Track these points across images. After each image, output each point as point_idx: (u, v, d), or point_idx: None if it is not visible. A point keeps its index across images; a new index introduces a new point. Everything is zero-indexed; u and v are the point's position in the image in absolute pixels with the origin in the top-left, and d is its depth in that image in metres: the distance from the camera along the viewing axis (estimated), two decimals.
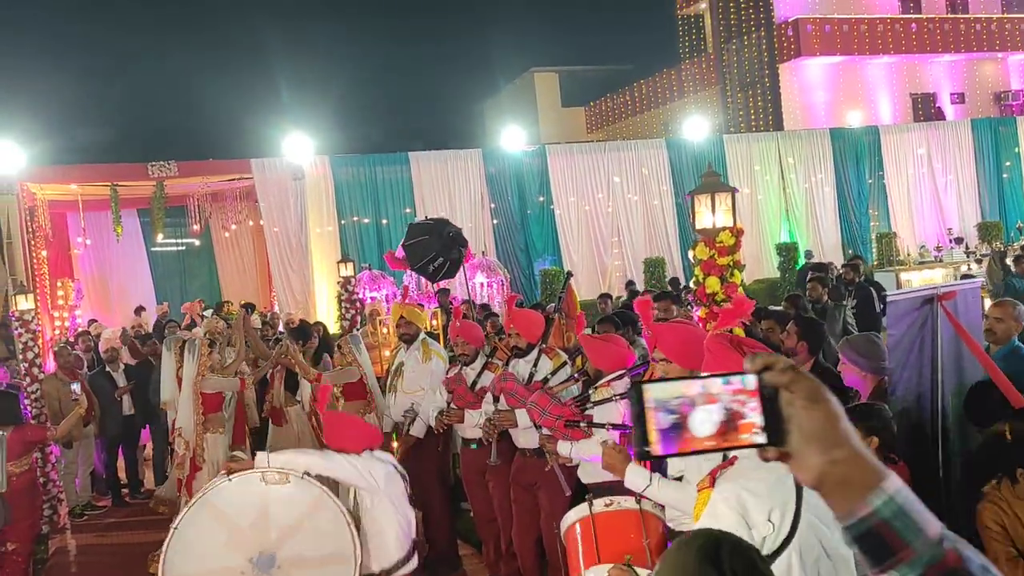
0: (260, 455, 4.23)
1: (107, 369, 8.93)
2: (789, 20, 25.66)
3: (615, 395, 3.84)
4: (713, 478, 2.39)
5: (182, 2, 54.28)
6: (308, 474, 4.04)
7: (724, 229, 4.06)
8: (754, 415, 0.99)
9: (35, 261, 14.30)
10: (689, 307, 6.30)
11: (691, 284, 4.29)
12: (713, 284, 4.00)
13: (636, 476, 3.23)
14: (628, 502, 3.46)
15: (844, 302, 8.15)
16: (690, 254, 4.29)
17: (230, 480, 4.05)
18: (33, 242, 14.31)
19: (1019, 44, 27.49)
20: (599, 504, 3.49)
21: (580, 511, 3.54)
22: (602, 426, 3.70)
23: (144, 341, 9.89)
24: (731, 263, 4.03)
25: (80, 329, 12.95)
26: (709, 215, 4.03)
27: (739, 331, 4.31)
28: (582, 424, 3.83)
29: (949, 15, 27.47)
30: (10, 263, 13.69)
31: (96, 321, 13.92)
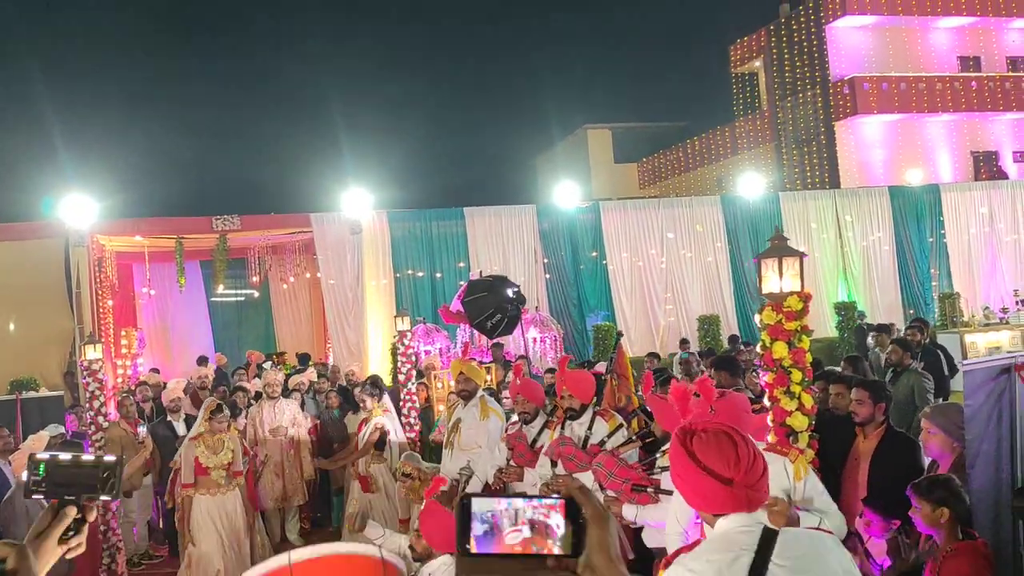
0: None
1: (168, 419, 9.08)
2: (845, 78, 25.60)
3: None
4: (668, 563, 2.36)
5: (248, 62, 56.36)
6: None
7: (792, 294, 4.02)
8: (559, 529, 1.21)
9: (101, 310, 14.74)
10: (752, 372, 6.18)
11: (757, 349, 4.23)
12: (781, 350, 3.95)
13: (627, 512, 3.77)
14: None
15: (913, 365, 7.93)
16: (756, 318, 4.23)
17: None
18: (100, 292, 14.77)
19: None
20: None
21: None
22: (671, 493, 3.64)
23: (210, 391, 10.08)
24: (798, 328, 3.99)
25: (140, 378, 13.24)
26: (776, 279, 3.99)
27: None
28: (649, 489, 3.77)
29: (1010, 73, 27.14)
30: (78, 312, 14.14)
31: (157, 371, 14.22)
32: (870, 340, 13.39)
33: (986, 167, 26.56)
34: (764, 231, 18.70)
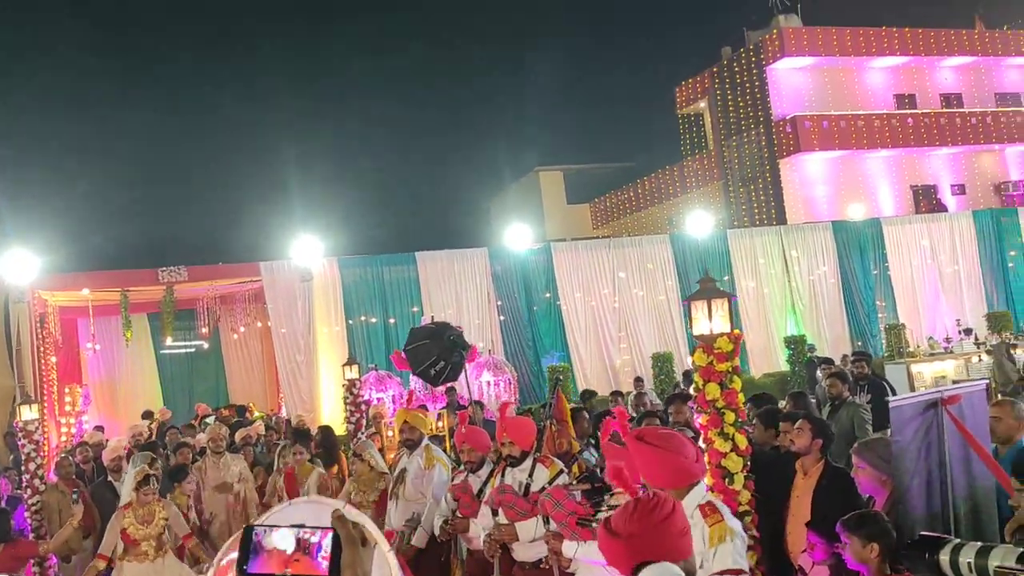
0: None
1: (109, 479, 8.81)
2: (787, 117, 26.27)
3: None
4: None
5: (192, 109, 56.07)
6: None
7: (722, 335, 4.06)
8: (326, 550, 1.38)
9: (44, 367, 14.35)
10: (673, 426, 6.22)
11: (691, 391, 4.26)
12: (713, 391, 3.98)
13: (567, 549, 3.75)
14: None
15: (856, 398, 8.03)
16: (688, 360, 4.27)
17: None
18: (43, 348, 14.39)
19: (1015, 136, 28.00)
20: None
21: None
22: None
23: (146, 448, 9.79)
24: (730, 369, 4.02)
25: (82, 438, 12.87)
26: (706, 321, 4.03)
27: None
28: (594, 524, 3.74)
29: (944, 109, 28.11)
30: (19, 370, 13.74)
31: (101, 428, 13.84)
32: (819, 373, 13.57)
33: (925, 200, 27.34)
34: (713, 268, 18.94)
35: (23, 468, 8.03)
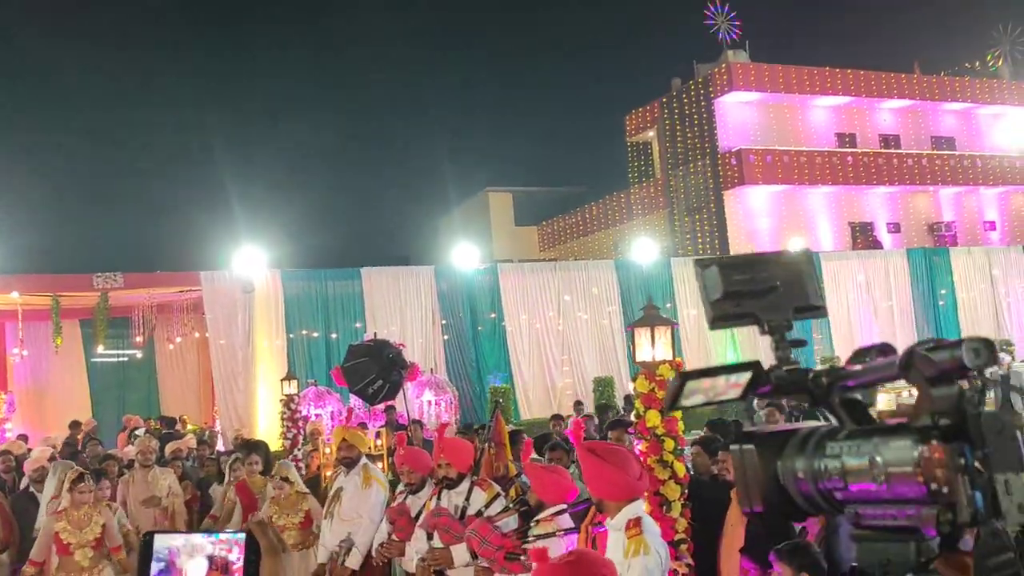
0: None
1: (31, 490, 8.47)
2: (732, 150, 26.84)
3: (559, 531, 3.75)
4: None
5: (134, 114, 54.97)
6: None
7: (664, 362, 4.09)
8: (239, 562, 1.33)
9: None
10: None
11: (632, 417, 4.27)
12: (653, 418, 4.00)
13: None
14: None
15: None
16: (630, 386, 4.29)
17: None
18: None
19: (948, 179, 29.05)
20: None
21: None
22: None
23: (69, 459, 9.45)
24: None
25: (3, 446, 12.38)
26: (649, 348, 4.06)
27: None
28: (523, 558, 3.71)
29: (883, 150, 29.03)
30: None
31: (25, 437, 13.34)
32: (755, 403, 13.77)
33: (862, 237, 28.14)
34: (656, 295, 19.13)
35: None
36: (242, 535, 1.30)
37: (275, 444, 12.20)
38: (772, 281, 1.22)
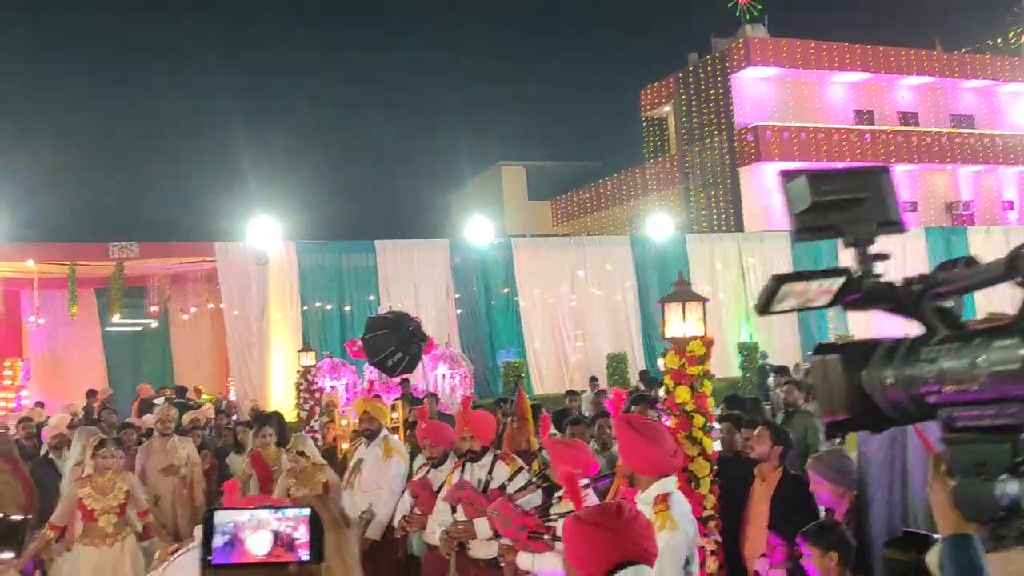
0: (197, 529, 4.14)
1: (50, 456, 8.54)
2: (749, 126, 26.58)
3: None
4: None
5: (152, 84, 54.87)
6: None
7: (695, 338, 4.05)
8: (303, 537, 1.27)
9: None
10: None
11: (661, 393, 4.24)
12: (683, 394, 3.96)
13: (523, 561, 3.64)
14: None
15: (810, 406, 8.14)
16: (660, 362, 4.25)
17: (172, 561, 3.95)
18: None
19: (967, 157, 28.71)
20: None
21: None
22: None
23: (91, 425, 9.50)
24: (701, 373, 4.02)
25: (23, 413, 12.48)
26: (680, 323, 4.01)
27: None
28: (546, 536, 3.69)
29: (901, 127, 28.70)
30: None
31: (41, 404, 13.43)
32: (771, 380, 13.75)
33: None
34: (671, 271, 18.92)
35: None
36: (307, 512, 1.26)
37: (290, 415, 12.25)
38: (859, 193, 1.21)
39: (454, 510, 4.65)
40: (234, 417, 11.24)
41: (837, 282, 1.15)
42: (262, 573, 1.26)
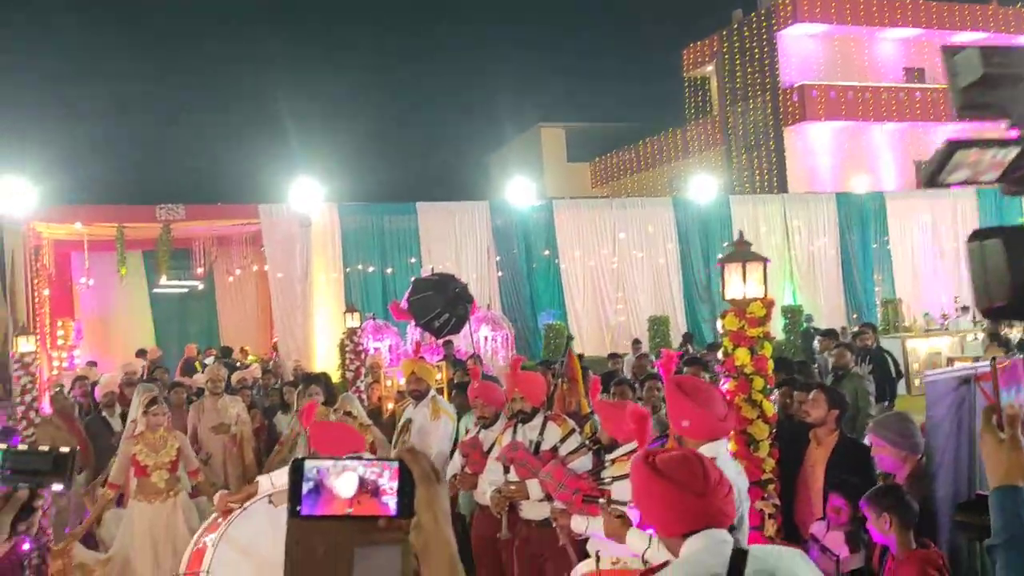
0: (262, 479, 4.29)
1: (103, 414, 8.74)
2: (794, 85, 25.98)
3: None
4: None
5: (196, 47, 55.15)
6: None
7: (755, 300, 3.97)
8: (390, 489, 1.22)
9: (37, 300, 14.21)
10: (716, 377, 6.15)
11: (719, 355, 4.17)
12: (743, 356, 3.90)
13: (637, 539, 3.31)
14: (635, 563, 3.44)
15: (859, 369, 8.02)
16: (718, 324, 4.17)
17: (243, 510, 4.07)
18: (36, 281, 14.23)
19: None
20: (606, 561, 3.58)
21: (588, 565, 3.64)
22: (623, 504, 3.55)
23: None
24: (761, 335, 3.95)
25: (78, 372, 12.78)
26: (740, 284, 3.94)
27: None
28: (601, 500, 3.68)
29: None
30: (12, 302, 13.60)
31: (94, 363, 13.75)
32: (816, 344, 13.57)
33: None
34: (714, 234, 18.88)
35: (18, 400, 7.92)
36: (395, 462, 1.22)
37: (334, 376, 12.40)
38: None
39: (506, 470, 4.65)
40: (286, 377, 11.39)
41: (1011, 153, 1.08)
42: (349, 527, 1.22)
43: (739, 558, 1.96)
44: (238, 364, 13.08)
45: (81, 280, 17.48)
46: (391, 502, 1.23)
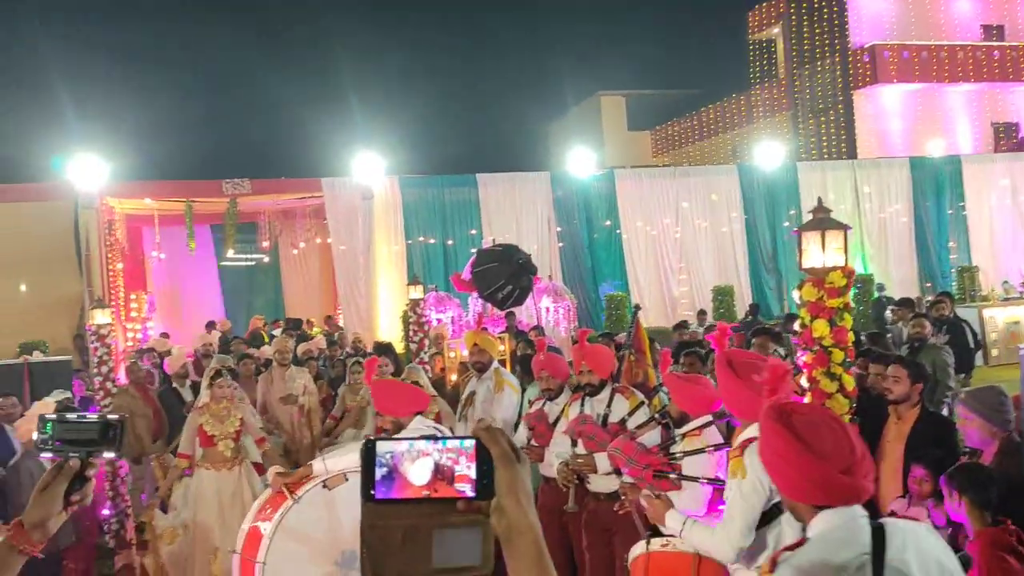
0: (315, 463, 4.34)
1: (174, 386, 8.96)
2: (865, 46, 25.07)
3: (708, 446, 3.59)
4: (774, 563, 2.17)
5: (259, 25, 55.77)
6: None
7: (835, 269, 3.80)
8: (468, 472, 1.15)
9: (111, 274, 14.61)
10: (791, 350, 5.96)
11: (796, 327, 4.02)
12: (821, 328, 3.74)
13: (672, 520, 3.31)
14: (685, 545, 3.37)
15: (936, 340, 7.73)
16: (795, 294, 4.01)
17: (297, 502, 4.12)
18: (110, 255, 14.63)
19: None
20: (656, 543, 3.53)
21: (639, 547, 3.60)
22: (695, 479, 3.46)
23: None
24: (841, 306, 3.78)
25: (149, 344, 13.14)
26: (818, 253, 3.77)
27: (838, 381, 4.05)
28: (672, 475, 3.59)
29: None
30: (87, 275, 14.02)
31: (166, 335, 14.11)
32: (888, 314, 13.17)
33: (1006, 138, 26.09)
34: (781, 201, 18.42)
35: (95, 371, 8.16)
36: (471, 443, 1.15)
37: (397, 348, 12.50)
38: None
39: (574, 443, 4.60)
40: (346, 349, 11.52)
41: None
42: (427, 510, 1.16)
43: (879, 535, 1.84)
44: (308, 336, 13.30)
45: (152, 254, 17.94)
46: (469, 485, 1.16)
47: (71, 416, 1.76)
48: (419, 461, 1.16)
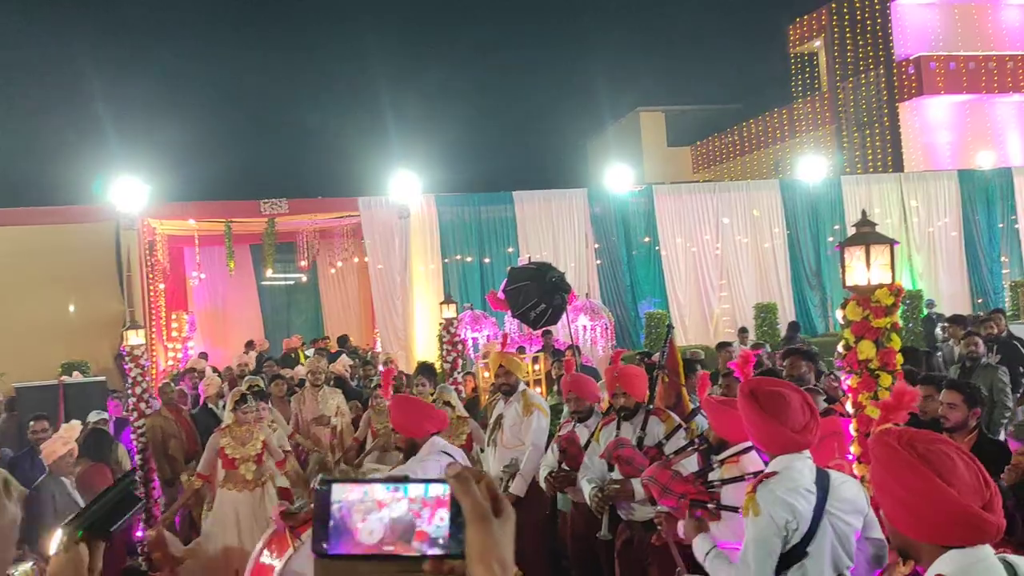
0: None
1: (210, 407, 8.95)
2: (910, 57, 24.55)
3: (747, 474, 3.39)
4: None
5: (294, 45, 56.62)
6: None
7: (881, 286, 3.57)
8: (429, 528, 0.97)
9: (152, 294, 14.76)
10: (833, 372, 5.70)
11: (839, 348, 3.79)
12: (867, 350, 3.51)
13: (700, 546, 3.22)
14: None
15: (990, 358, 7.39)
16: (839, 314, 3.78)
17: (297, 551, 4.04)
18: (151, 275, 14.78)
19: None
20: None
21: None
22: (734, 509, 3.26)
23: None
24: (888, 326, 3.54)
25: (190, 363, 13.21)
26: (863, 270, 3.55)
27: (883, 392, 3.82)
28: (710, 505, 3.39)
29: None
30: (128, 296, 14.16)
31: (205, 355, 14.20)
32: (938, 331, 12.73)
33: None
34: (825, 216, 18.03)
35: (129, 392, 8.17)
36: (443, 488, 0.96)
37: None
38: None
39: (610, 468, 4.41)
40: (379, 367, 11.44)
41: None
42: (390, 568, 0.98)
43: (1012, 573, 1.70)
44: (355, 352, 13.25)
45: (193, 274, 18.13)
46: (427, 543, 0.98)
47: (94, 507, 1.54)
48: (370, 516, 0.97)
